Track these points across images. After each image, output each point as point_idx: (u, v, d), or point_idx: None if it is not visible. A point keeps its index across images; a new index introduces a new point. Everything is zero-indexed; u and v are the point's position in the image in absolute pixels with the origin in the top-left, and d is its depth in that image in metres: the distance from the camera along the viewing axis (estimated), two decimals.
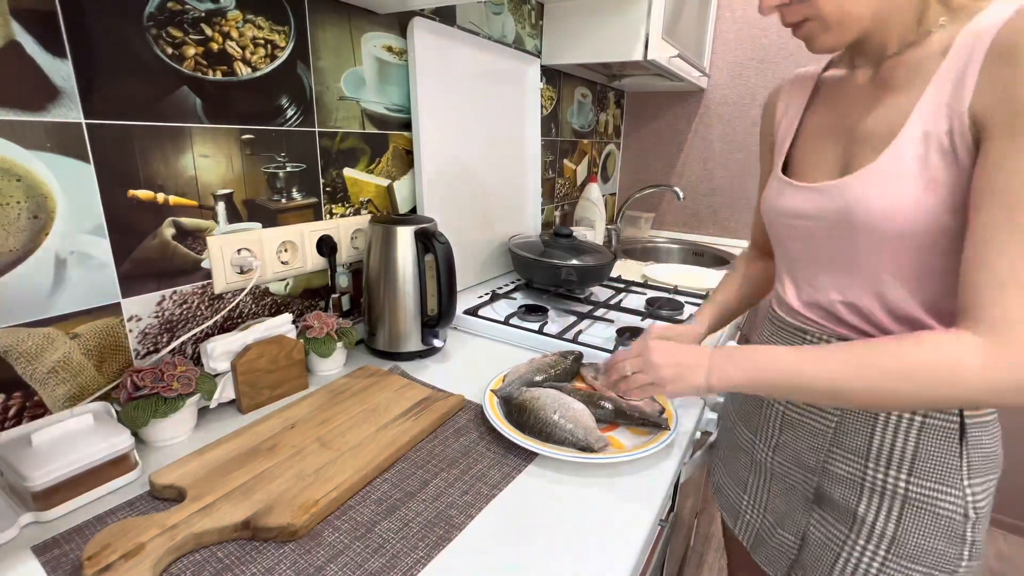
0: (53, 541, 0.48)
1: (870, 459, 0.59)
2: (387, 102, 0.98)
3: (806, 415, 0.64)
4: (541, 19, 1.39)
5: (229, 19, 0.70)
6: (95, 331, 0.63)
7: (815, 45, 0.54)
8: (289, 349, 0.75)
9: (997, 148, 0.44)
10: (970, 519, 0.56)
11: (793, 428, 0.66)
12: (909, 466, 0.57)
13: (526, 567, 0.48)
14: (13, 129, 0.53)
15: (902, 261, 0.53)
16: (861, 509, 0.60)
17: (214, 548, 0.48)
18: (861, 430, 0.60)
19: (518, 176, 1.38)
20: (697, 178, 2.00)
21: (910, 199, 0.50)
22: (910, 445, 0.57)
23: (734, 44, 1.82)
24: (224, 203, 0.74)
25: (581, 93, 1.72)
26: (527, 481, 0.60)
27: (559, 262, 1.13)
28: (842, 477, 0.62)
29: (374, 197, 0.99)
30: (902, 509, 0.58)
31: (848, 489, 0.61)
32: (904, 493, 0.57)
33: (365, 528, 0.51)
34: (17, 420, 0.58)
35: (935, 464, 0.56)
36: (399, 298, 0.86)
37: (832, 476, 0.62)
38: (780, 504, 0.69)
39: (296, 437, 0.63)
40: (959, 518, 0.56)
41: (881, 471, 0.58)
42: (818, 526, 0.64)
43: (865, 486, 0.60)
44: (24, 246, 0.56)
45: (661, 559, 0.74)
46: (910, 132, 0.50)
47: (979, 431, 0.56)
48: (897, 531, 0.58)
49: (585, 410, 0.68)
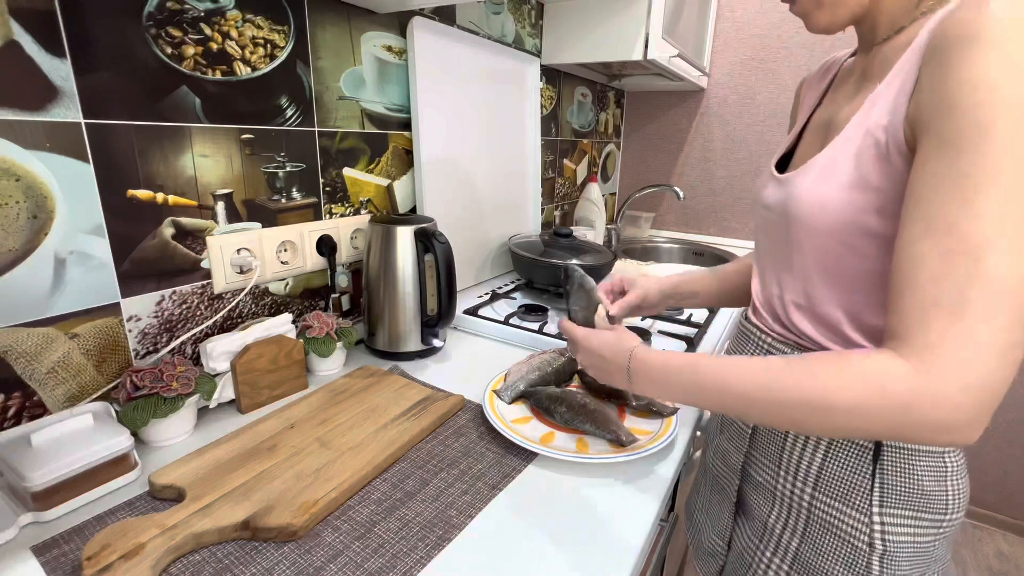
0: (53, 541, 0.48)
1: (781, 466, 0.57)
2: (387, 102, 0.97)
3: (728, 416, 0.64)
4: (541, 19, 1.39)
5: (228, 19, 0.70)
6: (94, 331, 0.63)
7: (810, 23, 0.51)
8: (289, 349, 0.75)
9: (922, 153, 0.40)
10: (876, 550, 0.51)
11: (726, 428, 0.66)
12: (815, 479, 0.54)
13: (526, 567, 0.48)
14: (12, 129, 0.53)
15: (827, 260, 0.50)
16: (771, 519, 0.58)
17: (214, 548, 0.48)
18: (774, 436, 0.58)
19: (518, 176, 1.38)
20: (697, 178, 2.00)
21: (837, 194, 0.47)
22: (818, 457, 0.54)
23: (734, 44, 1.82)
24: (224, 203, 0.74)
25: (581, 93, 1.72)
26: (527, 481, 0.59)
27: (559, 262, 1.13)
28: (758, 483, 0.60)
29: (374, 197, 0.99)
30: (806, 524, 0.55)
31: (762, 497, 0.59)
32: (808, 507, 0.55)
33: (365, 528, 0.51)
34: (17, 420, 0.58)
35: (840, 482, 0.52)
36: (399, 298, 0.86)
37: (751, 481, 0.61)
38: (715, 507, 0.69)
39: (296, 437, 0.63)
40: (862, 546, 0.52)
41: (790, 480, 0.56)
42: (739, 532, 0.63)
43: (776, 495, 0.58)
44: (23, 246, 0.55)
45: (661, 559, 0.74)
46: (853, 127, 0.47)
47: (908, 461, 0.50)
48: (801, 547, 0.55)
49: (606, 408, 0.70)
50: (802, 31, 1.69)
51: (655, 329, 1.01)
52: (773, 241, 0.58)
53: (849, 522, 0.52)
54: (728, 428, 0.66)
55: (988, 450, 1.80)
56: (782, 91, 1.77)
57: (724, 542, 0.66)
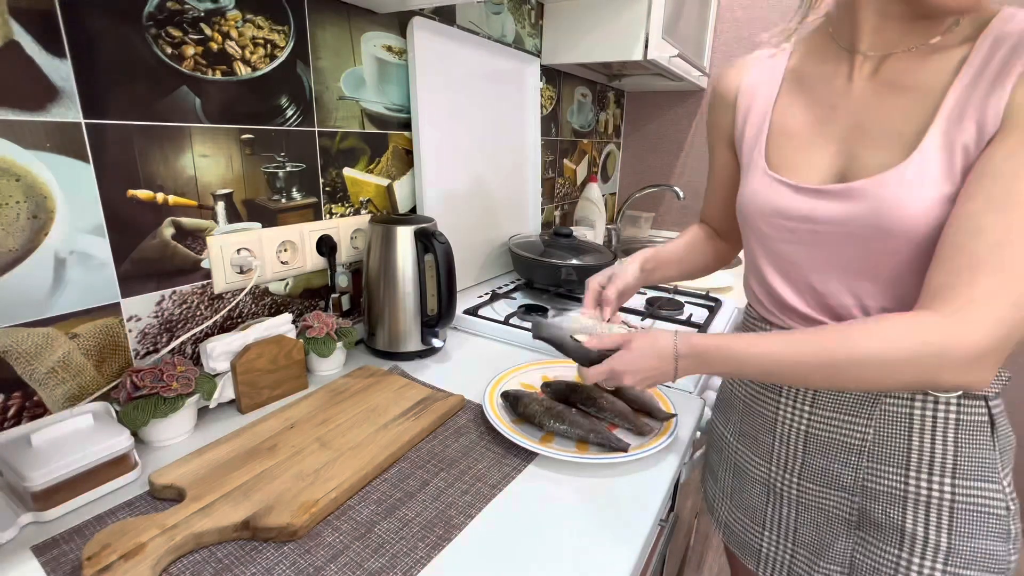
0: (53, 541, 0.48)
1: (911, 468, 0.55)
2: (387, 102, 0.97)
3: (834, 430, 0.59)
4: (541, 19, 1.39)
5: (228, 19, 0.70)
6: (94, 331, 0.63)
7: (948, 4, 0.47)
8: (289, 349, 0.75)
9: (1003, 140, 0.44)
10: (1011, 511, 0.55)
11: (820, 446, 0.60)
12: (952, 468, 0.54)
13: (526, 567, 0.48)
14: (12, 129, 0.53)
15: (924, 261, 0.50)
16: (909, 524, 0.56)
17: (214, 548, 0.48)
18: (896, 438, 0.56)
19: (518, 176, 1.38)
20: (697, 178, 2.00)
21: (937, 202, 0.48)
22: (949, 446, 0.54)
23: (734, 44, 1.82)
24: (224, 203, 0.74)
25: (581, 93, 1.72)
26: (527, 481, 0.60)
27: (559, 262, 1.13)
28: (882, 492, 0.57)
29: (374, 197, 0.99)
30: (951, 515, 0.54)
31: (891, 505, 0.57)
32: (952, 498, 0.54)
33: (365, 528, 0.51)
34: (17, 420, 0.58)
35: (976, 462, 0.54)
36: (399, 298, 0.86)
37: (871, 493, 0.58)
38: (812, 535, 0.63)
39: (296, 437, 0.63)
40: (1004, 512, 0.54)
41: (924, 479, 0.55)
42: (865, 550, 0.59)
43: (909, 498, 0.56)
44: (23, 246, 0.55)
45: (661, 559, 0.74)
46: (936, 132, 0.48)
47: (1002, 419, 0.55)
48: (951, 540, 0.55)
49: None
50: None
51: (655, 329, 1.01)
52: (831, 253, 0.56)
53: (991, 496, 0.55)
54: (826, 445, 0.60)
55: None
56: None
57: (843, 567, 0.61)
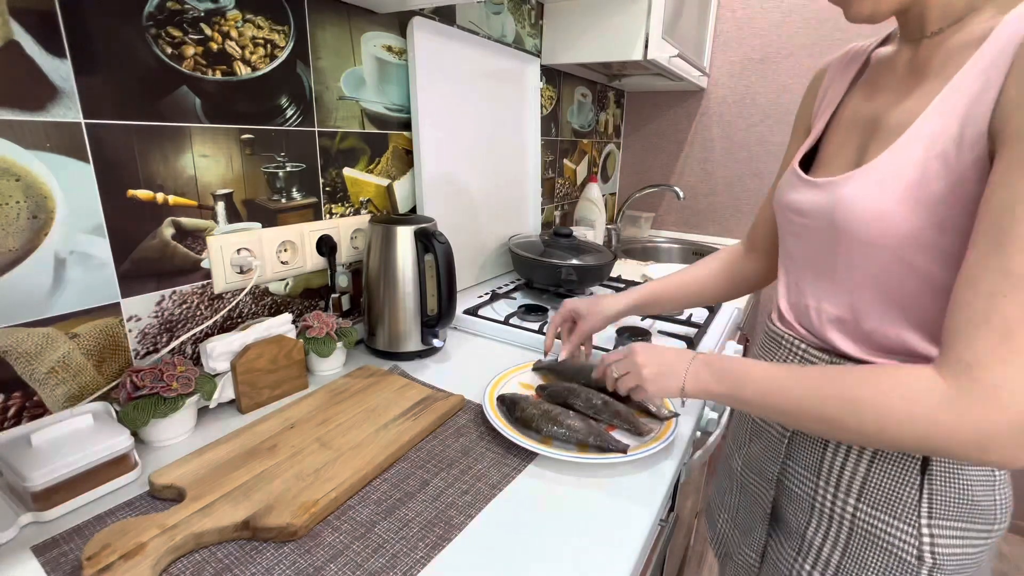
0: (53, 541, 0.48)
1: (821, 476, 0.55)
2: (387, 102, 0.97)
3: (766, 423, 0.62)
4: (541, 19, 1.39)
5: (228, 19, 0.70)
6: (95, 331, 0.63)
7: (851, 11, 0.46)
8: (289, 349, 0.75)
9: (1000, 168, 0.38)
10: (925, 563, 0.50)
11: (759, 436, 0.64)
12: (859, 489, 0.52)
13: (526, 567, 0.48)
14: (12, 129, 0.53)
15: (880, 275, 0.48)
16: (810, 531, 0.56)
17: (214, 548, 0.48)
18: (814, 444, 0.56)
19: (518, 176, 1.38)
20: (697, 178, 2.00)
21: (897, 207, 0.44)
22: (862, 467, 0.52)
23: (734, 44, 1.82)
24: (224, 203, 0.74)
25: (581, 93, 1.72)
26: (527, 481, 0.60)
27: (559, 262, 1.13)
28: (795, 494, 0.58)
29: (374, 197, 0.99)
30: (849, 536, 0.53)
31: (799, 508, 0.58)
32: (852, 518, 0.53)
33: (365, 528, 0.51)
34: (17, 420, 0.58)
35: (886, 493, 0.51)
36: (399, 298, 0.86)
37: (786, 492, 0.60)
38: (745, 518, 0.67)
39: (296, 437, 0.63)
40: (911, 559, 0.50)
41: (831, 491, 0.54)
42: (774, 544, 0.61)
43: (815, 506, 0.56)
44: (23, 246, 0.55)
45: (661, 559, 0.74)
46: (916, 132, 0.44)
47: (958, 471, 0.49)
48: (843, 560, 0.54)
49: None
50: (803, 31, 1.69)
51: (655, 329, 1.01)
52: (810, 249, 0.55)
53: (896, 534, 0.50)
54: (762, 436, 0.63)
55: None
56: (782, 91, 1.77)
57: (757, 554, 0.64)
